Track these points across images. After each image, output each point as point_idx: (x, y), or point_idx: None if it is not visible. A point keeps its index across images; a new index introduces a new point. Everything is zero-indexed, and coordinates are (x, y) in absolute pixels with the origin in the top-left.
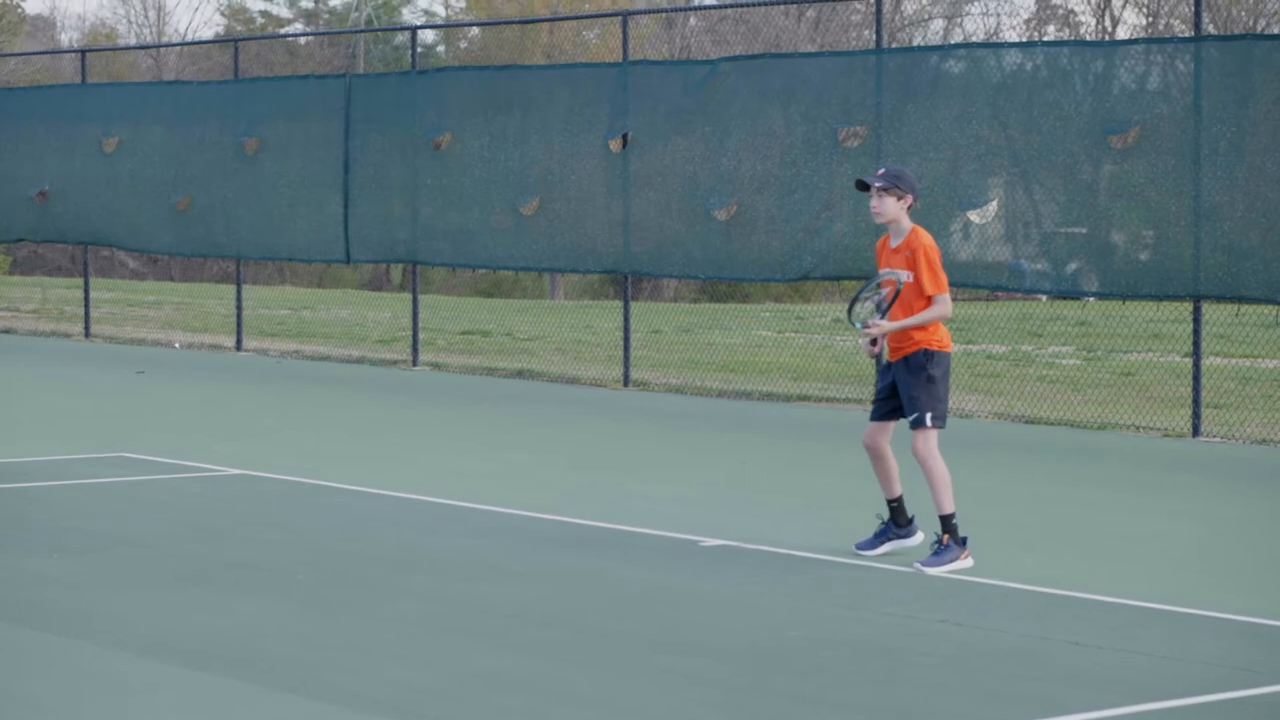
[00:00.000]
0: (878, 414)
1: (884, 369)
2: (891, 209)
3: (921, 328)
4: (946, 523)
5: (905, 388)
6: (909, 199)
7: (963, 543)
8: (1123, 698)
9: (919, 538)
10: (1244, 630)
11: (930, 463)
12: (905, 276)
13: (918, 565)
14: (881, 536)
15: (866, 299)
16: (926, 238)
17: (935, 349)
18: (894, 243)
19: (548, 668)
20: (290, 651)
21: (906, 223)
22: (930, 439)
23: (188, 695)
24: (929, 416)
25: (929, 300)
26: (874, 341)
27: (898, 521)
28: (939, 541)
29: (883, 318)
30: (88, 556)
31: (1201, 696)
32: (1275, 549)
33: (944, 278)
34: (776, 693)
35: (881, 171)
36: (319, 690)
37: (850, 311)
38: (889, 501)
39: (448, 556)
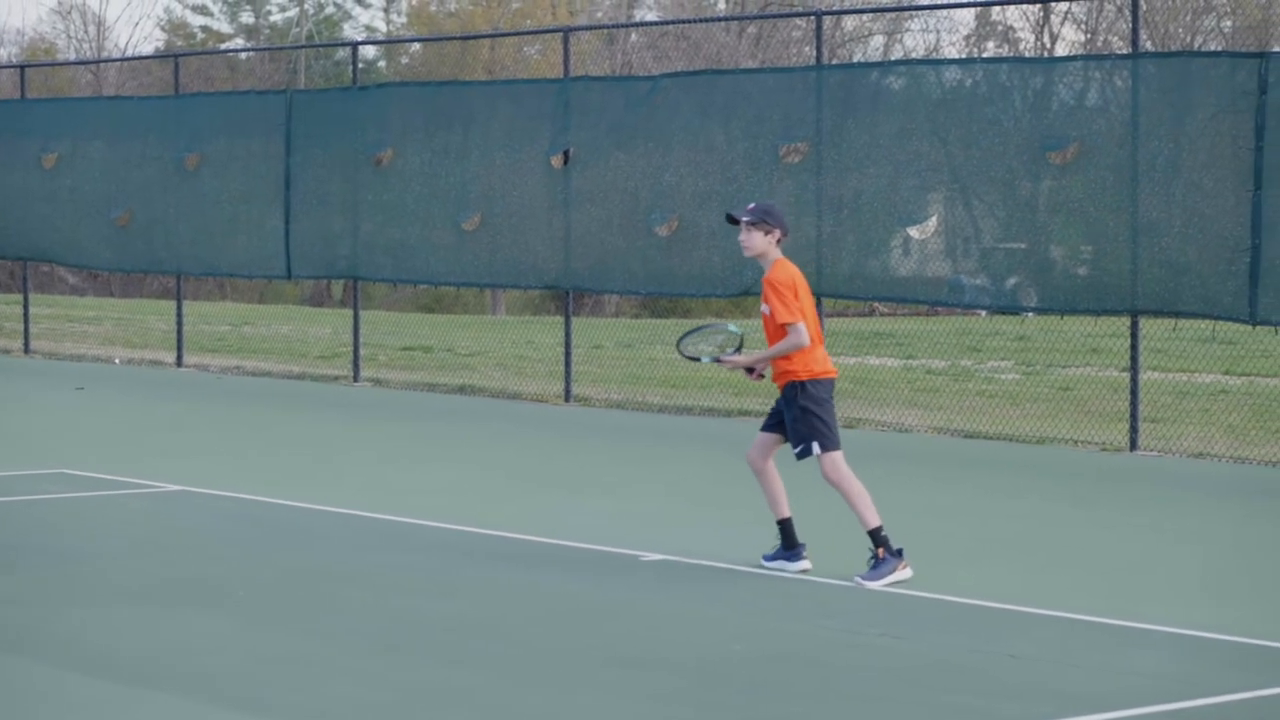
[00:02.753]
0: (764, 426)
1: None
2: (759, 243)
3: (788, 360)
4: (876, 536)
5: (787, 420)
6: (776, 233)
7: (898, 553)
8: (1060, 710)
9: (803, 564)
10: (1180, 642)
11: (842, 484)
12: (765, 310)
13: (858, 579)
14: (775, 556)
15: (700, 340)
16: (781, 271)
17: (805, 379)
18: (765, 275)
19: (491, 683)
20: (233, 667)
21: (773, 255)
22: (832, 461)
23: (130, 712)
24: (815, 445)
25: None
26: (750, 370)
27: (785, 544)
28: (874, 556)
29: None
30: (29, 574)
31: (1138, 708)
32: (1211, 562)
33: (796, 308)
34: (720, 706)
35: (751, 206)
36: (262, 706)
37: (680, 345)
38: (777, 522)
39: (390, 572)
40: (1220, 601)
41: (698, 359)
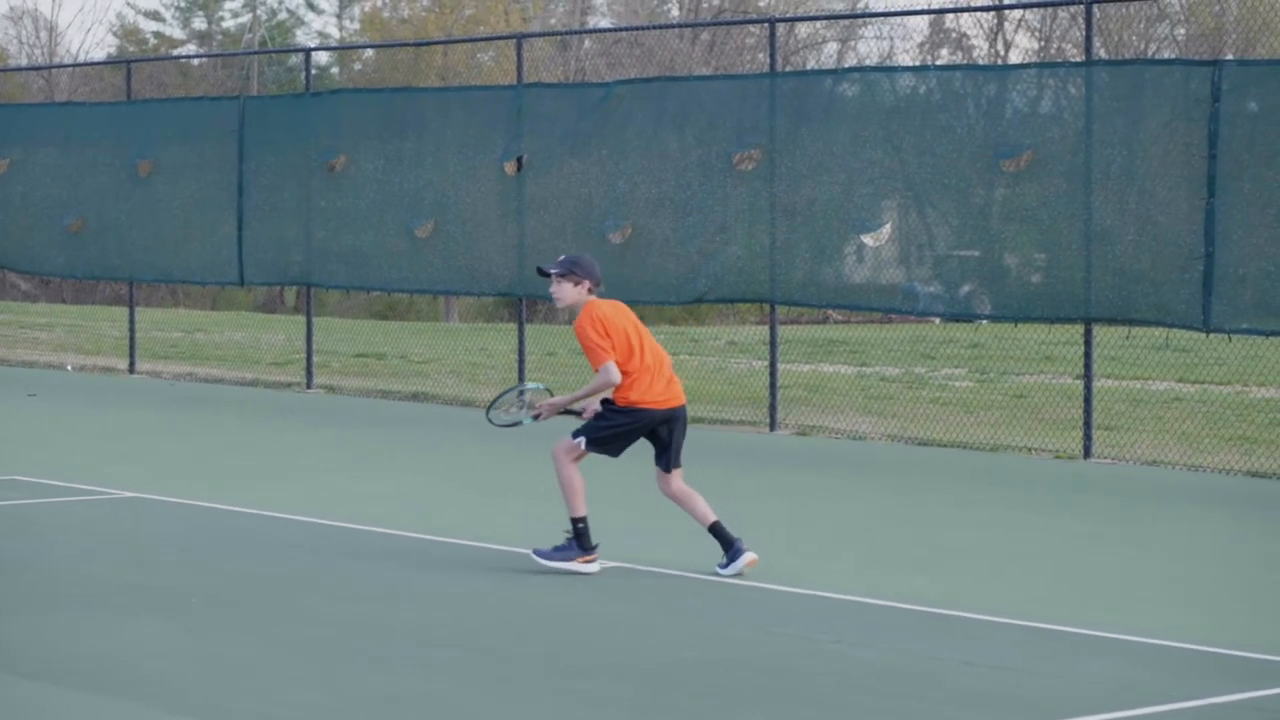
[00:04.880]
0: (655, 459)
1: None
2: (569, 293)
3: (615, 387)
4: (575, 525)
5: None
6: (586, 283)
7: (588, 549)
8: (1013, 716)
9: (749, 556)
10: (1132, 649)
11: (559, 467)
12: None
13: (532, 552)
14: (727, 564)
15: (508, 406)
16: (583, 317)
17: (619, 404)
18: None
19: (446, 689)
20: (187, 674)
21: (583, 303)
22: (568, 448)
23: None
24: (579, 433)
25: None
26: (577, 413)
27: (723, 546)
28: (568, 534)
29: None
30: None
31: (1090, 715)
32: (1163, 570)
33: (605, 346)
34: (674, 713)
35: (560, 259)
36: (216, 713)
37: (491, 419)
38: (708, 529)
39: (343, 578)
40: (1175, 609)
41: (518, 422)
